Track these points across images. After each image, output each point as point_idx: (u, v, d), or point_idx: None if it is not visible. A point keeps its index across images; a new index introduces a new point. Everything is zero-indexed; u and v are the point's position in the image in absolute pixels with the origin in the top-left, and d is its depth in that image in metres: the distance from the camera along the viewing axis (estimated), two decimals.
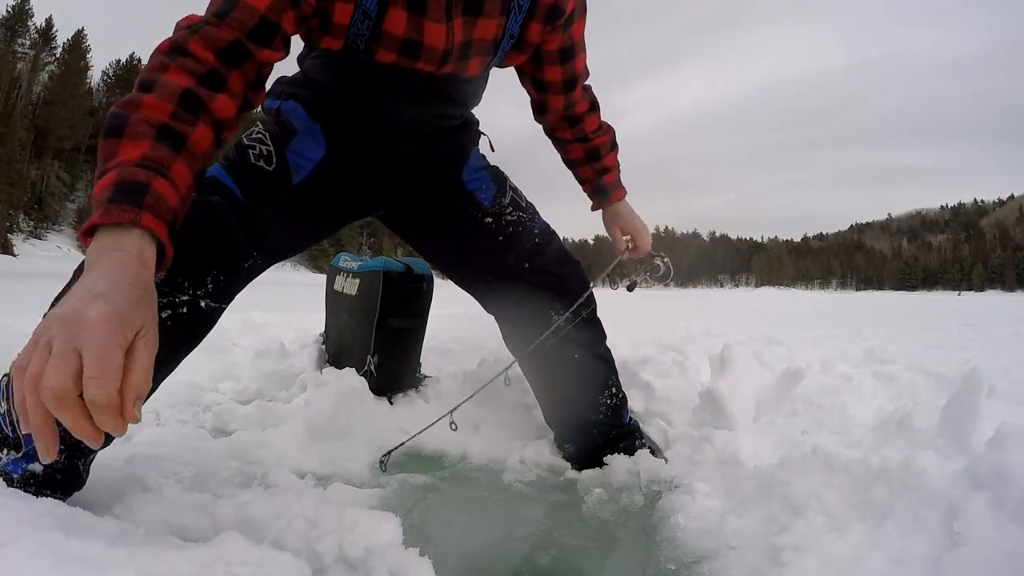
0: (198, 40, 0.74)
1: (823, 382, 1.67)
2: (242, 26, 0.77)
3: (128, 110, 0.67)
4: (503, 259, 1.17)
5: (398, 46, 0.94)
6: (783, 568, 0.78)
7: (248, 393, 1.75)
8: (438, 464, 1.29)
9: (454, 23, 0.94)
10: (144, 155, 0.63)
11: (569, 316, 1.16)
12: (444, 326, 2.08)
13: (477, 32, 0.98)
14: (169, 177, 0.63)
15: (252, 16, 0.78)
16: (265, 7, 0.79)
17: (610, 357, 1.26)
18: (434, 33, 0.94)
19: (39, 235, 47.16)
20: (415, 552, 0.76)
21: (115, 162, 0.62)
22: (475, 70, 1.05)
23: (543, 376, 1.26)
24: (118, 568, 0.59)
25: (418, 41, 0.94)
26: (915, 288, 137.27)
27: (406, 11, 0.91)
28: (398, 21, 0.91)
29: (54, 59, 54.83)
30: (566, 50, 1.11)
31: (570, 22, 1.07)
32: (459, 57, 0.99)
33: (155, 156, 0.64)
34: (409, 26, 0.92)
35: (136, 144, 0.64)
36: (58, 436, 0.49)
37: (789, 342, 2.91)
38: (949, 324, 6.38)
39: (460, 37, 0.96)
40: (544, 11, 1.01)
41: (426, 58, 0.97)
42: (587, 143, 1.27)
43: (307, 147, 1.06)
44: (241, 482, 1.10)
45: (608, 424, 1.23)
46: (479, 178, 1.23)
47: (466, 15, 0.95)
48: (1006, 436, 0.79)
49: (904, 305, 15.94)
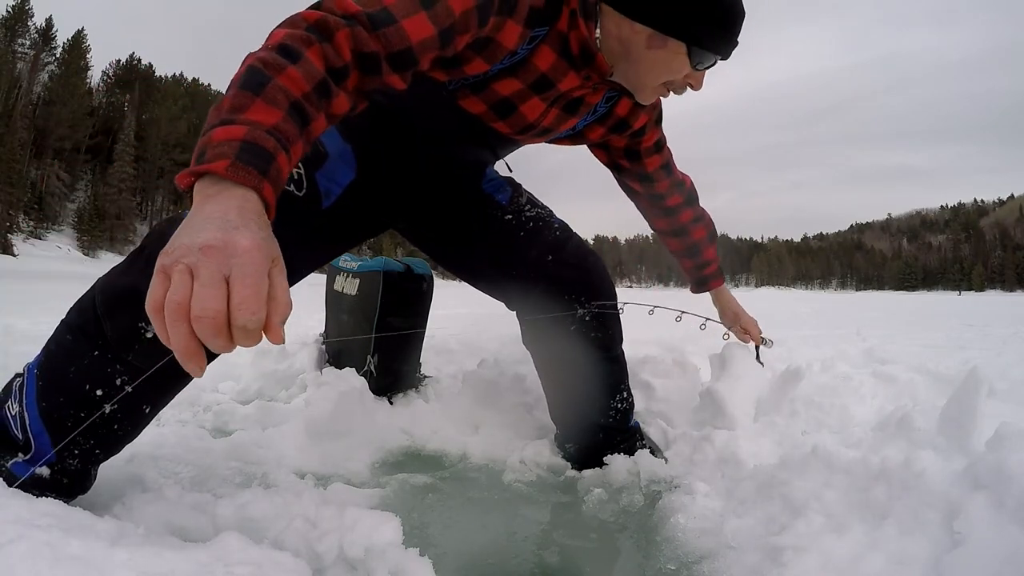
0: (347, 35, 0.72)
1: (823, 382, 1.67)
2: (388, 46, 0.76)
3: (269, 71, 0.64)
4: (526, 254, 1.19)
5: (494, 104, 0.99)
6: (783, 568, 0.78)
7: (248, 393, 1.75)
8: (438, 464, 1.29)
9: (551, 111, 1.04)
10: (277, 124, 0.62)
11: (594, 308, 1.18)
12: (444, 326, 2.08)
13: (563, 126, 1.10)
14: (289, 153, 0.63)
15: (402, 43, 0.77)
16: (417, 42, 0.78)
17: (623, 360, 1.27)
18: (532, 109, 1.01)
19: (39, 235, 47.17)
20: (415, 552, 0.76)
21: (246, 118, 0.60)
22: (530, 143, 1.14)
23: (557, 374, 1.26)
24: (118, 568, 0.59)
25: (514, 108, 1.00)
26: (915, 288, 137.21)
27: (522, 83, 0.97)
28: (510, 87, 0.97)
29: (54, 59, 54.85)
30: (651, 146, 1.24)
31: (642, 133, 1.20)
32: (535, 135, 1.09)
33: (285, 129, 0.63)
34: (516, 95, 0.98)
35: (271, 110, 0.62)
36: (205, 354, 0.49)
37: (789, 342, 2.91)
38: (949, 324, 6.38)
39: (548, 123, 1.06)
40: (614, 121, 1.15)
41: (510, 123, 1.03)
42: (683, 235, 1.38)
43: (339, 170, 1.03)
44: (241, 482, 1.10)
45: (614, 428, 1.24)
46: (495, 184, 1.26)
47: (563, 111, 1.06)
48: (1006, 436, 0.79)
49: (904, 305, 15.94)
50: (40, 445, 0.81)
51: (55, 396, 0.81)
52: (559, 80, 0.98)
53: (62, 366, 0.82)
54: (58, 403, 0.81)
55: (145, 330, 0.78)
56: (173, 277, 0.48)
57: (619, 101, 1.11)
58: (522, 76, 0.96)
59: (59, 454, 0.81)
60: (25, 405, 0.83)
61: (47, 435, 0.81)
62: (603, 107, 1.10)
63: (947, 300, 26.23)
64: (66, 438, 0.80)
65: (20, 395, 0.84)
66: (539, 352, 1.27)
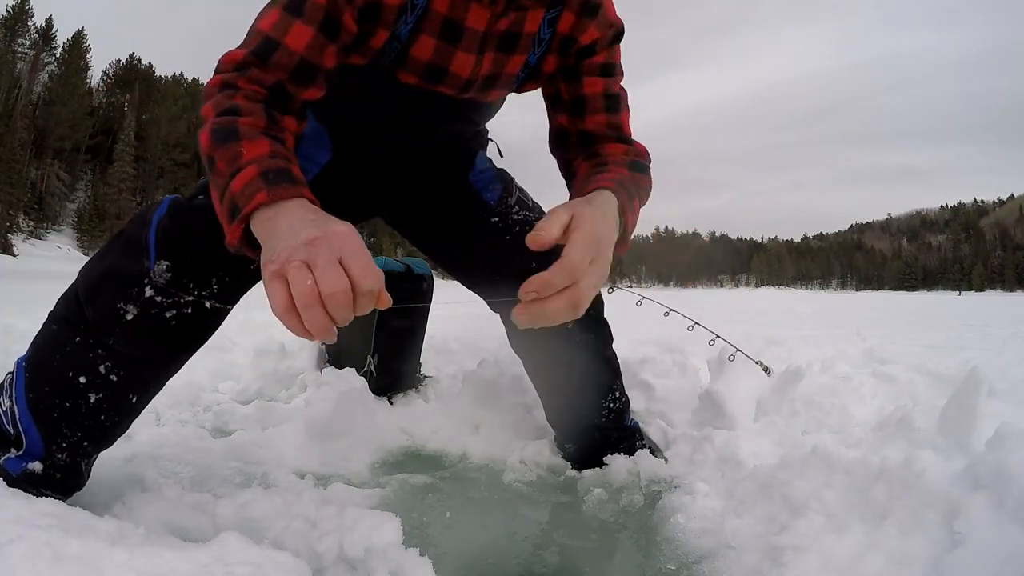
0: (245, 81, 0.75)
1: (823, 382, 1.67)
2: (284, 68, 0.77)
3: (231, 124, 0.69)
4: (510, 260, 1.15)
5: (421, 70, 0.95)
6: (783, 568, 0.78)
7: (248, 393, 1.75)
8: (438, 464, 1.29)
9: (485, 56, 0.95)
10: (271, 150, 0.67)
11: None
12: (444, 326, 2.08)
13: (507, 68, 0.99)
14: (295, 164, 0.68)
15: (292, 59, 0.77)
16: (304, 48, 0.78)
17: (615, 360, 1.25)
18: (462, 62, 0.94)
19: (39, 235, 47.19)
20: (415, 552, 0.76)
21: (247, 159, 0.65)
22: (496, 97, 1.07)
23: (547, 377, 1.25)
24: (118, 568, 0.59)
25: (443, 68, 0.95)
26: (915, 288, 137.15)
27: (436, 40, 0.91)
28: (426, 48, 0.92)
29: (54, 59, 54.85)
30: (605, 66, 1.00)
31: (591, 53, 0.98)
32: (482, 87, 1.00)
33: (278, 150, 0.68)
34: (436, 53, 0.93)
35: (257, 143, 0.67)
36: None
37: (789, 342, 2.91)
38: (949, 324, 6.38)
39: (487, 70, 0.97)
40: (559, 41, 0.98)
41: (449, 84, 0.98)
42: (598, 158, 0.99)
43: (313, 150, 1.05)
44: (241, 482, 1.10)
45: (610, 427, 1.23)
46: (485, 178, 1.22)
47: (499, 50, 0.95)
48: (1006, 436, 0.79)
49: (904, 305, 15.94)
50: (30, 439, 0.82)
51: (41, 386, 0.82)
52: (464, 19, 0.89)
53: (48, 356, 0.83)
54: (44, 393, 0.82)
55: (125, 311, 0.79)
56: (290, 274, 0.54)
57: (560, 17, 0.95)
58: (429, 29, 0.90)
59: (47, 448, 0.81)
60: (15, 399, 0.83)
61: (35, 428, 0.81)
62: (547, 33, 0.97)
63: (947, 300, 26.24)
64: (53, 429, 0.81)
65: (11, 390, 0.85)
66: (526, 356, 1.25)
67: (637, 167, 0.93)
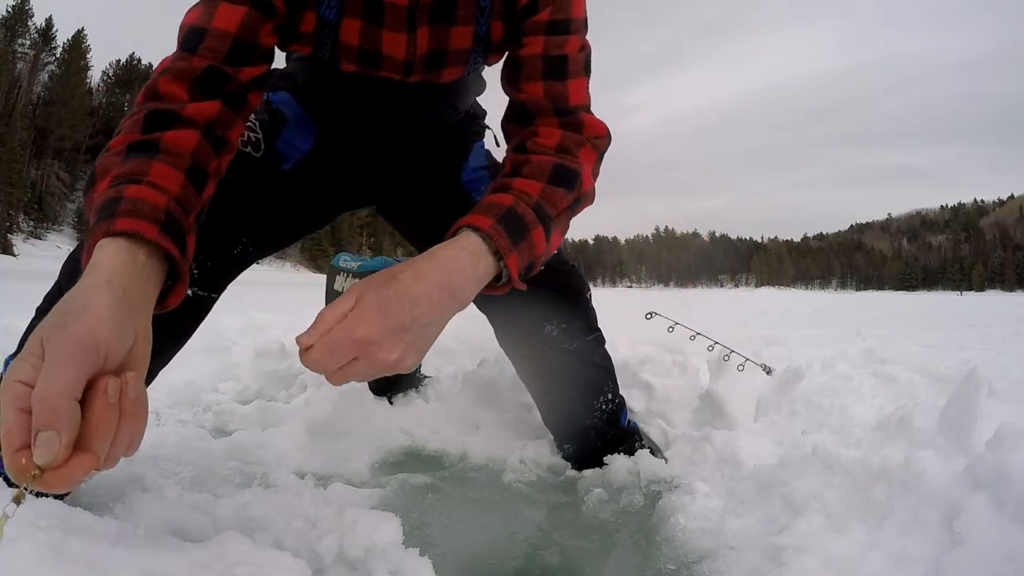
0: (167, 78, 0.72)
1: (823, 382, 1.67)
2: (216, 54, 0.74)
3: (99, 160, 0.66)
4: None
5: (356, 56, 0.89)
6: (783, 568, 0.78)
7: (248, 393, 1.75)
8: (438, 464, 1.29)
9: (418, 32, 0.86)
10: (114, 177, 0.62)
11: (564, 323, 1.12)
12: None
13: (453, 42, 0.89)
14: (146, 181, 0.61)
15: (223, 42, 0.74)
16: (236, 27, 0.74)
17: (607, 362, 1.23)
18: (392, 43, 0.86)
19: (39, 235, 47.18)
20: (415, 552, 0.76)
21: (94, 204, 0.61)
22: (452, 77, 0.96)
23: (537, 380, 1.23)
24: (118, 568, 0.59)
25: (376, 51, 0.88)
26: (915, 288, 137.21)
27: (360, 20, 0.84)
28: (352, 31, 0.86)
29: (54, 59, 54.85)
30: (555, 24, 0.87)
31: (533, 11, 0.86)
32: (427, 67, 0.91)
33: (125, 171, 0.62)
34: (363, 36, 0.86)
35: (106, 177, 0.63)
36: None
37: (789, 342, 2.91)
38: (949, 324, 6.38)
39: (427, 47, 0.88)
40: (502, 6, 0.87)
41: (388, 67, 0.91)
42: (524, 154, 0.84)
43: (297, 136, 1.04)
44: (241, 482, 1.10)
45: (604, 428, 1.23)
46: (478, 178, 1.18)
47: (434, 24, 0.86)
48: (1006, 436, 0.79)
49: (904, 305, 15.94)
50: None
51: None
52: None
53: None
54: None
55: None
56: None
57: None
58: (352, 11, 0.83)
59: None
60: None
61: None
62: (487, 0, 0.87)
63: (947, 300, 26.24)
64: None
65: None
66: (514, 359, 1.23)
67: (559, 177, 0.78)
